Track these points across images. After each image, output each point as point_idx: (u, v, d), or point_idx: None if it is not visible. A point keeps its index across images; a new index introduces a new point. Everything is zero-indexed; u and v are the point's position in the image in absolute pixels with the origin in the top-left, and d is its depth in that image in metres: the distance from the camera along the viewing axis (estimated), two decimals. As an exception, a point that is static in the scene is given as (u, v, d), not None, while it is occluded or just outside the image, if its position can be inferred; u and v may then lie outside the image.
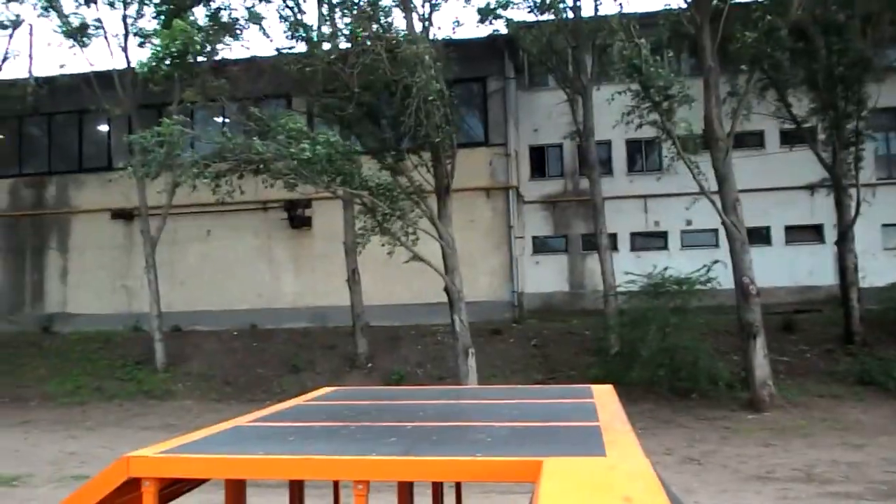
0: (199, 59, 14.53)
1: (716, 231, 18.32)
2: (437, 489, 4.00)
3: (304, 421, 3.38)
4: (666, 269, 15.05)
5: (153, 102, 17.60)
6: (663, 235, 20.80)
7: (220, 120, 17.51)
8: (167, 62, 13.35)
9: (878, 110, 17.39)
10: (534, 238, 21.44)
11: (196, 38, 13.40)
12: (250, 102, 14.37)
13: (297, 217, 20.09)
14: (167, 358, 17.74)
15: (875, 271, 17.23)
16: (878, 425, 12.07)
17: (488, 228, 19.47)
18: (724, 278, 14.17)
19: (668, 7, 14.68)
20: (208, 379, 17.32)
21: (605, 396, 3.86)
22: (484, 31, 30.42)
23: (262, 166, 12.18)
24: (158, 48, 13.32)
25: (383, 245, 13.07)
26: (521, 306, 19.75)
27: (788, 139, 19.41)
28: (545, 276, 21.04)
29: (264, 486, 4.62)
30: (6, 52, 19.78)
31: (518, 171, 20.67)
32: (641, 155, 21.41)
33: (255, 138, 12.23)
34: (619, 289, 16.25)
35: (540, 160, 21.75)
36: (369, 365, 17.12)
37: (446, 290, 13.89)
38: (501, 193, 19.62)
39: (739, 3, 13.65)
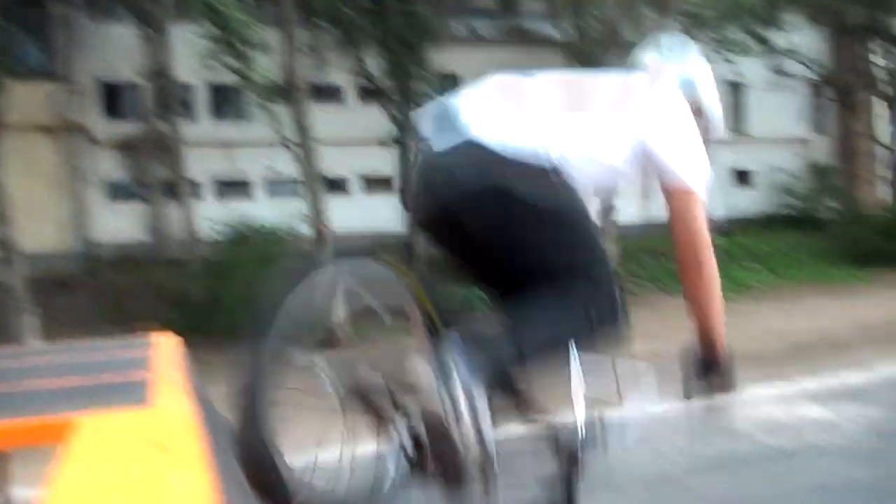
0: None
1: (298, 181, 18.88)
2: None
3: None
4: (249, 217, 15.12)
5: None
6: (247, 184, 20.79)
7: None
8: None
9: (443, 75, 19.53)
10: (108, 184, 19.80)
11: None
12: None
13: None
14: None
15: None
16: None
17: (52, 172, 17.46)
18: (305, 224, 14.72)
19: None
20: None
21: (163, 345, 3.72)
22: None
23: None
24: None
25: None
26: (95, 257, 18.21)
27: (365, 95, 20.70)
28: (122, 225, 19.60)
29: None
30: None
31: (88, 109, 18.80)
32: (224, 101, 20.99)
33: None
34: (202, 238, 15.90)
35: (113, 99, 20.02)
36: None
37: (-2, 240, 12.19)
38: (67, 133, 17.69)
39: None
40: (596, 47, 16.45)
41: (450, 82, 22.79)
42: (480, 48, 22.10)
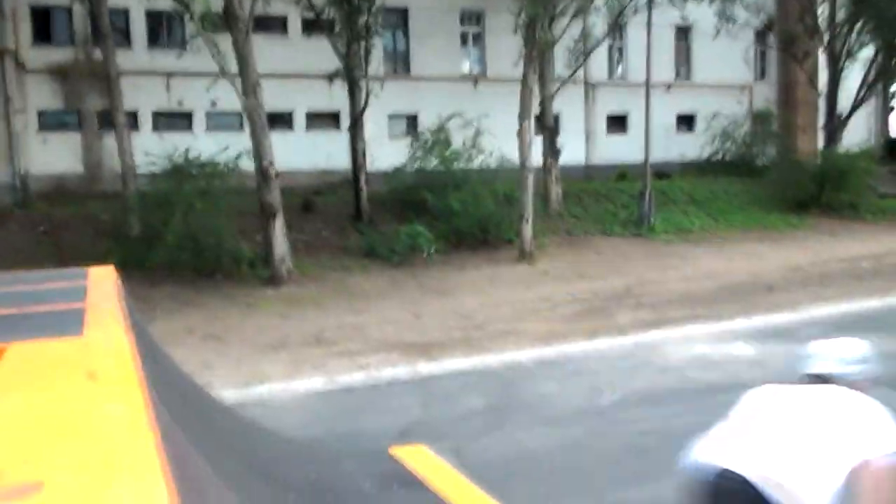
0: None
1: (240, 114, 18.42)
2: None
3: None
4: (188, 150, 14.75)
5: None
6: (188, 116, 20.22)
7: None
8: None
9: (388, 9, 19.12)
10: (40, 113, 19.02)
11: None
12: None
13: None
14: None
15: (382, 157, 19.20)
16: (378, 291, 13.80)
17: (-20, 99, 16.68)
18: (248, 161, 14.44)
19: None
20: None
21: (101, 278, 3.66)
22: None
23: None
24: None
25: None
26: (27, 189, 17.61)
27: (310, 28, 20.17)
28: (55, 156, 18.92)
29: None
30: None
31: (17, 33, 17.91)
32: (163, 29, 20.22)
33: None
34: (140, 170, 15.48)
35: (44, 23, 19.10)
36: None
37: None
38: (-4, 58, 16.86)
39: None
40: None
41: (396, 17, 22.43)
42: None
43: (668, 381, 7.83)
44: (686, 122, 26.82)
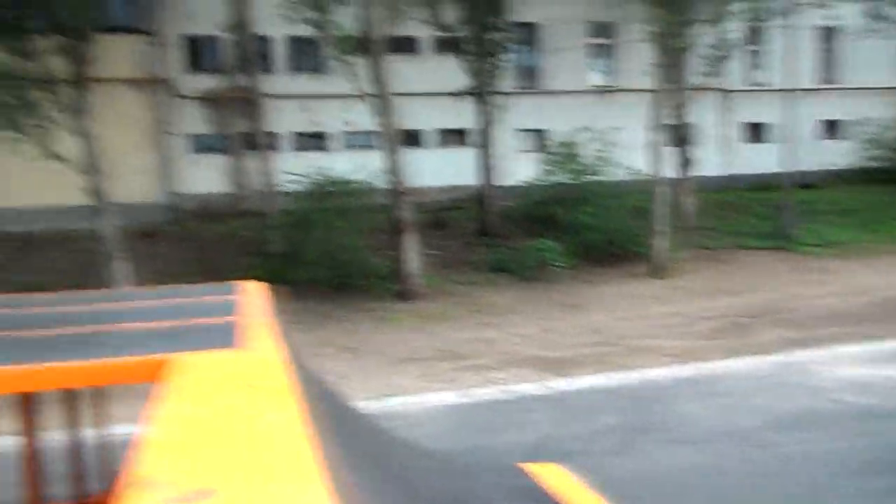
0: None
1: (373, 133, 19.00)
2: (71, 402, 3.74)
3: None
4: (327, 170, 15.35)
5: None
6: (324, 136, 21.05)
7: None
8: None
9: (517, 24, 19.23)
10: (191, 136, 20.35)
11: None
12: None
13: None
14: None
15: (510, 172, 19.25)
16: (509, 306, 13.82)
17: (139, 124, 18.04)
18: (382, 178, 14.88)
19: None
20: None
21: (251, 292, 3.86)
22: None
23: None
24: None
25: (11, 141, 11.47)
26: (178, 208, 18.85)
27: (440, 47, 20.55)
28: (204, 177, 20.18)
29: None
30: None
31: (172, 63, 19.27)
32: (303, 54, 21.18)
33: None
34: (281, 189, 16.26)
35: (197, 52, 20.46)
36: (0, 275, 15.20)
37: (90, 190, 12.72)
38: (152, 86, 18.20)
39: None
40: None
41: (525, 32, 22.48)
42: (560, -4, 21.67)
43: (817, 404, 7.38)
44: (831, 128, 25.31)
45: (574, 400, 7.92)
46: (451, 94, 19.39)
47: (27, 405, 3.20)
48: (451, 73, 18.95)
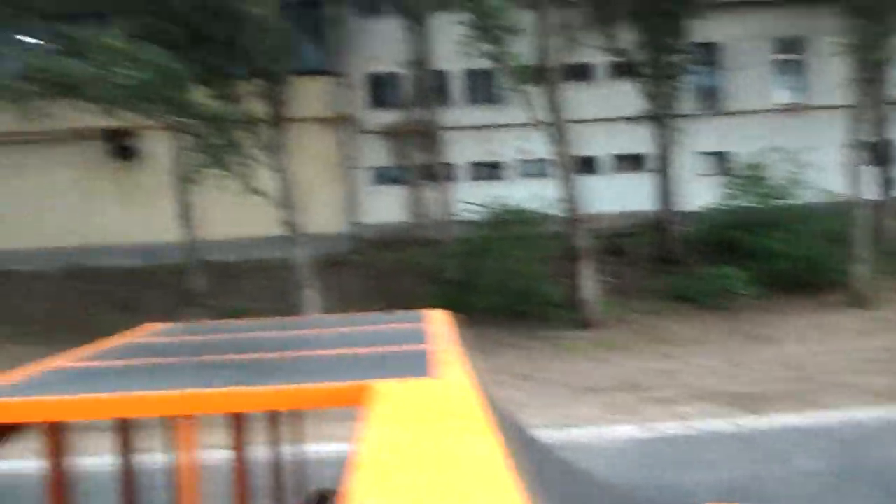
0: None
1: (548, 160, 19.02)
2: (274, 421, 3.99)
3: (130, 358, 3.23)
4: (503, 198, 15.53)
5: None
6: (499, 165, 21.33)
7: (26, 39, 15.91)
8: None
9: (697, 44, 18.59)
10: (373, 168, 21.33)
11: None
12: (61, 20, 13.13)
13: (122, 147, 18.82)
14: (-19, 302, 16.35)
15: (690, 197, 18.56)
16: (691, 336, 13.24)
17: (326, 159, 19.15)
18: (558, 206, 14.83)
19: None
20: (32, 322, 16.17)
21: (436, 321, 3.96)
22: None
23: (72, 90, 11.21)
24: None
25: (214, 178, 12.56)
26: (361, 238, 19.74)
27: (615, 71, 20.28)
28: (385, 207, 21.05)
29: (90, 430, 4.41)
30: None
31: (356, 99, 20.34)
32: (479, 85, 21.64)
33: (66, 59, 11.22)
34: (457, 218, 16.63)
35: (379, 89, 21.48)
36: (205, 302, 16.58)
37: (284, 223, 13.62)
38: (339, 123, 19.28)
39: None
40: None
41: (704, 52, 21.68)
42: (746, 13, 20.74)
43: None
44: None
45: (767, 439, 7.42)
46: (627, 118, 19.05)
47: (237, 423, 3.46)
48: (626, 97, 18.62)
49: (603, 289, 14.96)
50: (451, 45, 14.46)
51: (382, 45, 20.42)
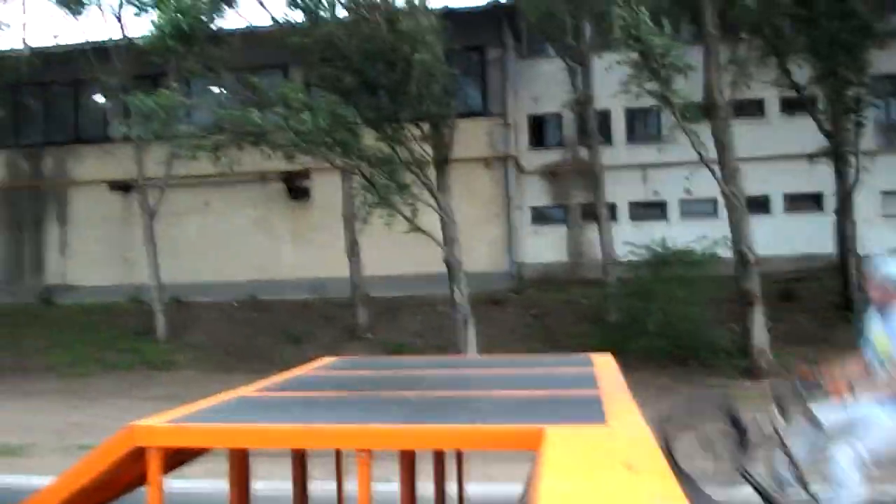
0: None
1: (715, 200, 18.29)
2: (440, 458, 4.04)
3: (307, 391, 3.40)
4: (665, 239, 15.07)
5: (149, 73, 17.46)
6: (662, 205, 20.77)
7: (217, 90, 17.40)
8: (171, 37, 13.21)
9: (879, 77, 17.33)
10: (533, 208, 21.42)
11: (202, 15, 13.26)
12: (247, 72, 14.27)
13: (296, 188, 20.05)
14: (168, 329, 17.79)
15: (874, 239, 17.23)
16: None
17: (487, 199, 19.44)
18: (725, 247, 14.21)
19: (667, -28, 14.51)
20: (209, 349, 17.39)
21: (604, 365, 3.89)
22: (482, -2, 29.94)
23: (260, 138, 12.13)
24: (163, 23, 13.16)
25: (381, 217, 13.07)
26: (521, 276, 19.79)
27: (788, 107, 19.31)
28: (544, 247, 21.04)
29: (267, 456, 4.65)
30: (-1, 23, 19.58)
31: (517, 140, 20.59)
32: (641, 124, 21.30)
33: (253, 110, 12.16)
34: (618, 259, 16.30)
35: (539, 130, 21.66)
36: (369, 335, 17.18)
37: (446, 261, 13.90)
38: (500, 164, 19.57)
39: (740, -31, 13.49)
40: None
41: (890, 84, 20.15)
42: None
43: None
44: None
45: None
46: (803, 156, 18.03)
47: (407, 458, 3.53)
48: (799, 133, 17.68)
49: (773, 336, 14.09)
50: (612, 85, 14.33)
51: (544, 85, 20.61)
